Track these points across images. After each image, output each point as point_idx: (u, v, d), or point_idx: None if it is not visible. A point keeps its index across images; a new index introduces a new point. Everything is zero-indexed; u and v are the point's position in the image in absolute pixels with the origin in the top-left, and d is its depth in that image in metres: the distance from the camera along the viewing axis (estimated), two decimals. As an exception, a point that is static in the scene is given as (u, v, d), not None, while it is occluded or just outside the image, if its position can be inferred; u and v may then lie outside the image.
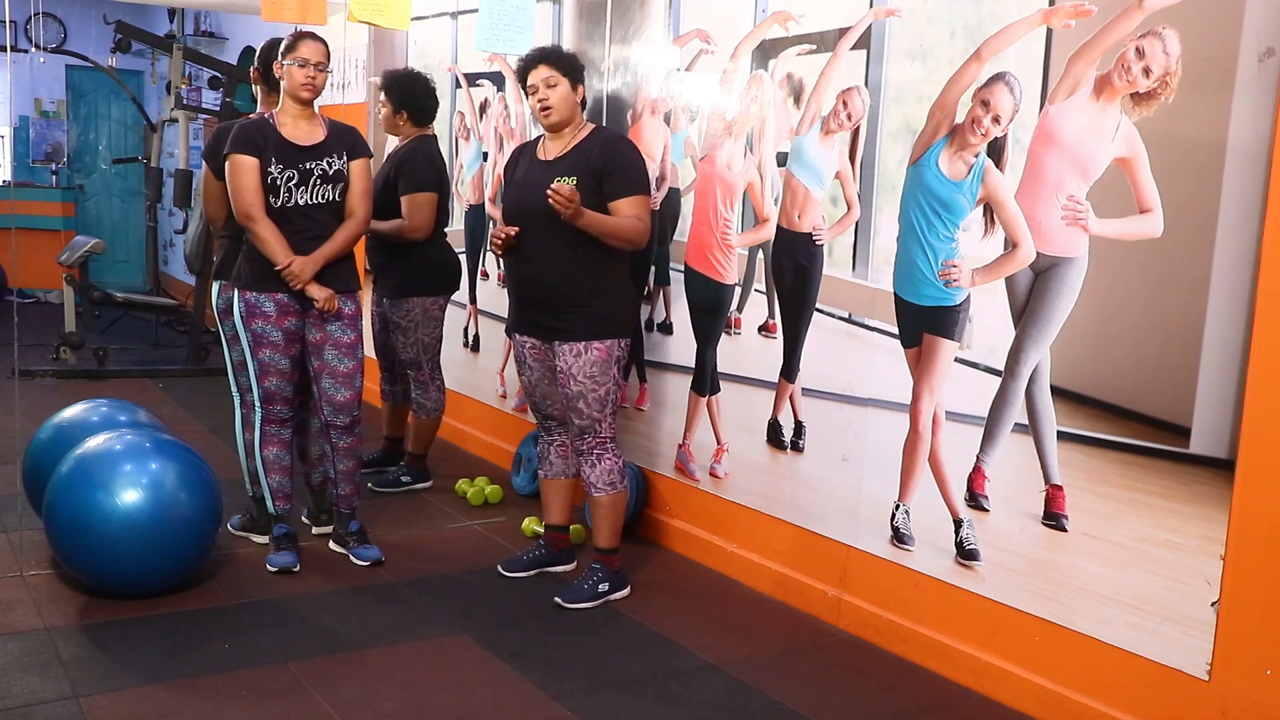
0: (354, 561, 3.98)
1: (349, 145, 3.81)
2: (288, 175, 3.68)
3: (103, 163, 11.19)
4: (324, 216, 3.75)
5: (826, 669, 3.31)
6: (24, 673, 3.01)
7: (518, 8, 4.39)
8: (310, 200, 3.72)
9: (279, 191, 3.68)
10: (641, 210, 3.53)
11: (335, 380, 3.84)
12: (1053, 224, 2.94)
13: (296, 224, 3.71)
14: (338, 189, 3.77)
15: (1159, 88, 2.69)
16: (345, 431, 3.92)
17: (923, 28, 3.30)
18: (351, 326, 3.83)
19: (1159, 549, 2.74)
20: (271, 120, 3.75)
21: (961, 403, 3.23)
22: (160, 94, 10.06)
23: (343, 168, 3.78)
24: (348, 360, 3.83)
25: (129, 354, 7.74)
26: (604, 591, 3.71)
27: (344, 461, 3.95)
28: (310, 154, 3.72)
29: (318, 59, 3.68)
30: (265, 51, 4.22)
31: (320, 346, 3.81)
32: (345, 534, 4.05)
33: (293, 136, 3.71)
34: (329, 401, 3.86)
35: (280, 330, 3.76)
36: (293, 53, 3.67)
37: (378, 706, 2.93)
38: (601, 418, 3.61)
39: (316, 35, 3.74)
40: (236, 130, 3.73)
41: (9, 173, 10.59)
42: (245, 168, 3.66)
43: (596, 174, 3.47)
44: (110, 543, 3.37)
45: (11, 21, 8.31)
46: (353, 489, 4.02)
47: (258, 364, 3.78)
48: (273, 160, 3.67)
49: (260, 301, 3.74)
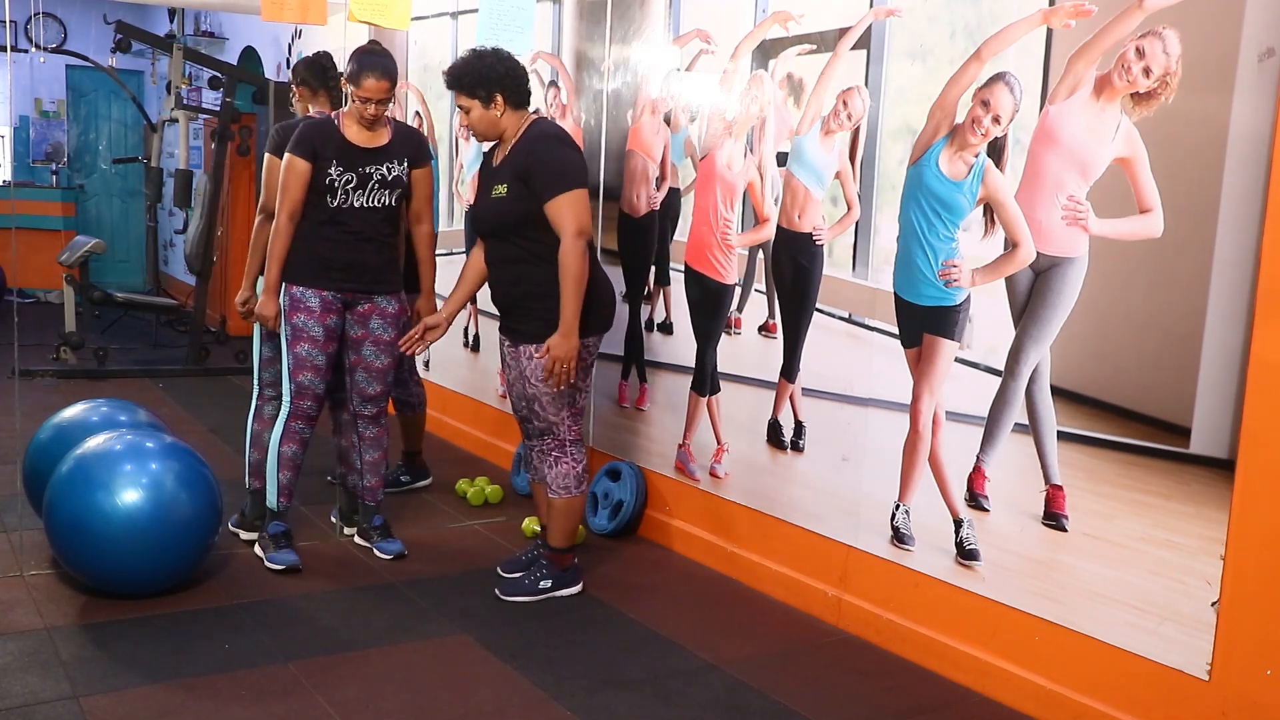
0: (377, 555, 4.04)
1: (411, 152, 3.86)
2: (346, 178, 3.72)
3: (103, 163, 11.19)
4: (377, 220, 3.81)
5: (826, 669, 3.31)
6: (24, 673, 3.01)
7: (518, 8, 4.39)
8: (366, 204, 3.77)
9: (335, 193, 3.73)
10: (567, 208, 3.38)
11: (370, 375, 3.93)
12: (1053, 224, 2.94)
13: (349, 225, 3.77)
14: (395, 194, 3.82)
15: (1159, 88, 2.69)
16: (372, 421, 4.00)
17: (923, 28, 3.30)
18: (393, 325, 3.91)
19: (1159, 549, 2.74)
20: (336, 121, 3.78)
21: (961, 403, 3.23)
22: (160, 94, 10.07)
23: (402, 174, 3.82)
24: (384, 356, 3.92)
25: (129, 354, 7.73)
26: (545, 588, 3.72)
27: (370, 452, 4.03)
28: (371, 158, 3.76)
29: (380, 96, 3.68)
30: (313, 63, 4.28)
31: (360, 342, 3.89)
32: (369, 528, 4.12)
33: (356, 139, 3.75)
34: (360, 394, 3.95)
35: (321, 326, 3.79)
36: (357, 88, 3.66)
37: (378, 706, 2.93)
38: (559, 420, 3.61)
39: (380, 64, 3.68)
40: (300, 130, 3.77)
41: (9, 173, 10.60)
42: (298, 169, 3.71)
43: (523, 179, 3.45)
44: (110, 543, 3.37)
45: (11, 21, 8.33)
46: (378, 480, 4.10)
47: (293, 357, 3.80)
48: (333, 162, 3.71)
49: (305, 296, 3.78)
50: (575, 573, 3.80)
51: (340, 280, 3.80)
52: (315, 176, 3.72)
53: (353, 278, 3.81)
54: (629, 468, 4.44)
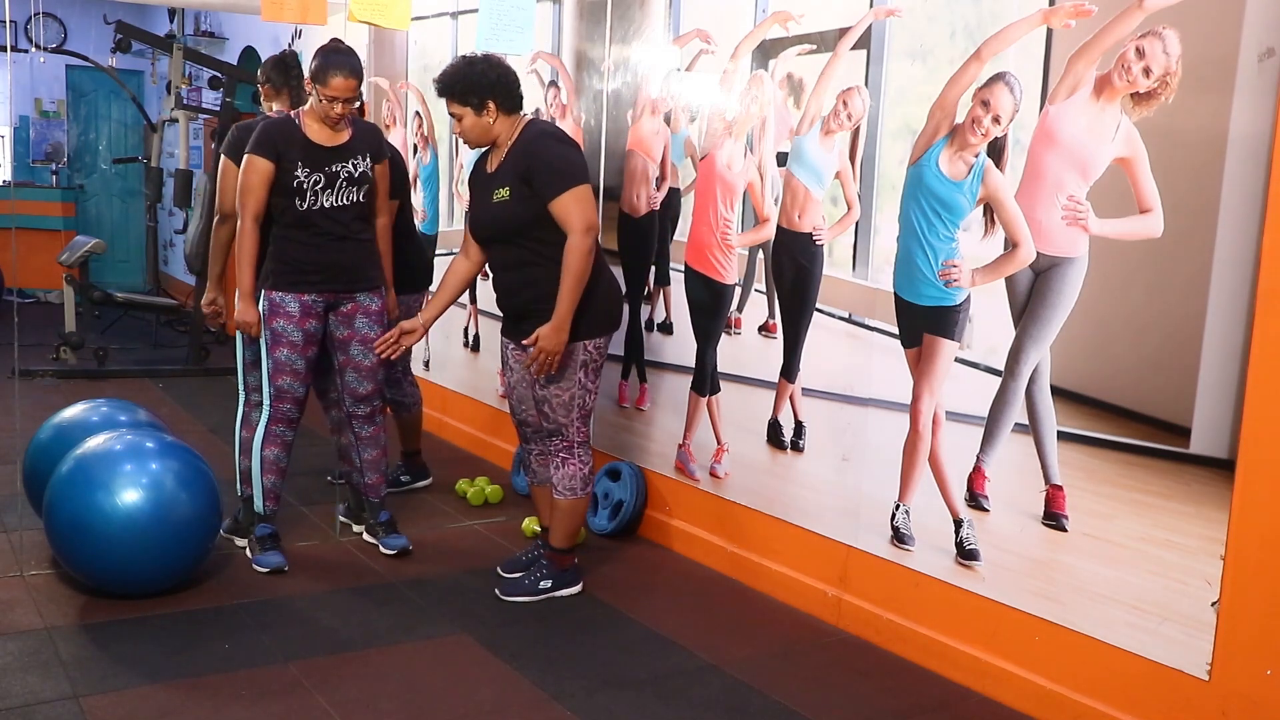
0: (383, 551, 4.06)
1: (372, 147, 3.85)
2: (314, 179, 3.71)
3: (103, 163, 11.19)
4: (348, 218, 3.79)
5: (826, 669, 3.31)
6: (24, 673, 3.01)
7: (518, 8, 4.39)
8: (335, 203, 3.75)
9: (304, 195, 3.71)
10: (573, 204, 3.38)
11: (359, 374, 3.92)
12: (1053, 224, 2.94)
13: (321, 226, 3.75)
14: (362, 190, 3.80)
15: (1159, 88, 2.69)
16: (367, 421, 4.00)
17: (923, 28, 3.30)
18: (378, 322, 3.90)
19: (1159, 549, 2.74)
20: (297, 120, 3.76)
21: (961, 403, 3.23)
22: (160, 94, 10.07)
23: (368, 169, 3.81)
24: (372, 355, 3.90)
25: (129, 354, 7.74)
26: (545, 588, 3.72)
27: (368, 450, 4.03)
28: (336, 156, 3.75)
29: (347, 95, 3.65)
30: (279, 61, 4.27)
31: (346, 343, 3.88)
32: (375, 524, 4.14)
33: (318, 138, 3.73)
34: (351, 394, 3.94)
35: (301, 331, 3.78)
36: (323, 86, 3.63)
37: (378, 706, 2.93)
38: (568, 422, 3.60)
39: (347, 62, 3.65)
40: (260, 130, 3.74)
41: (9, 173, 10.59)
42: (259, 169, 3.68)
43: (525, 180, 3.44)
44: (110, 543, 3.37)
45: (11, 21, 8.33)
46: (379, 478, 4.11)
47: (272, 361, 3.80)
48: (298, 164, 3.69)
49: (284, 301, 3.77)
50: (575, 573, 3.80)
51: (319, 283, 3.78)
52: (281, 179, 3.69)
53: (331, 279, 3.79)
54: (629, 468, 4.44)
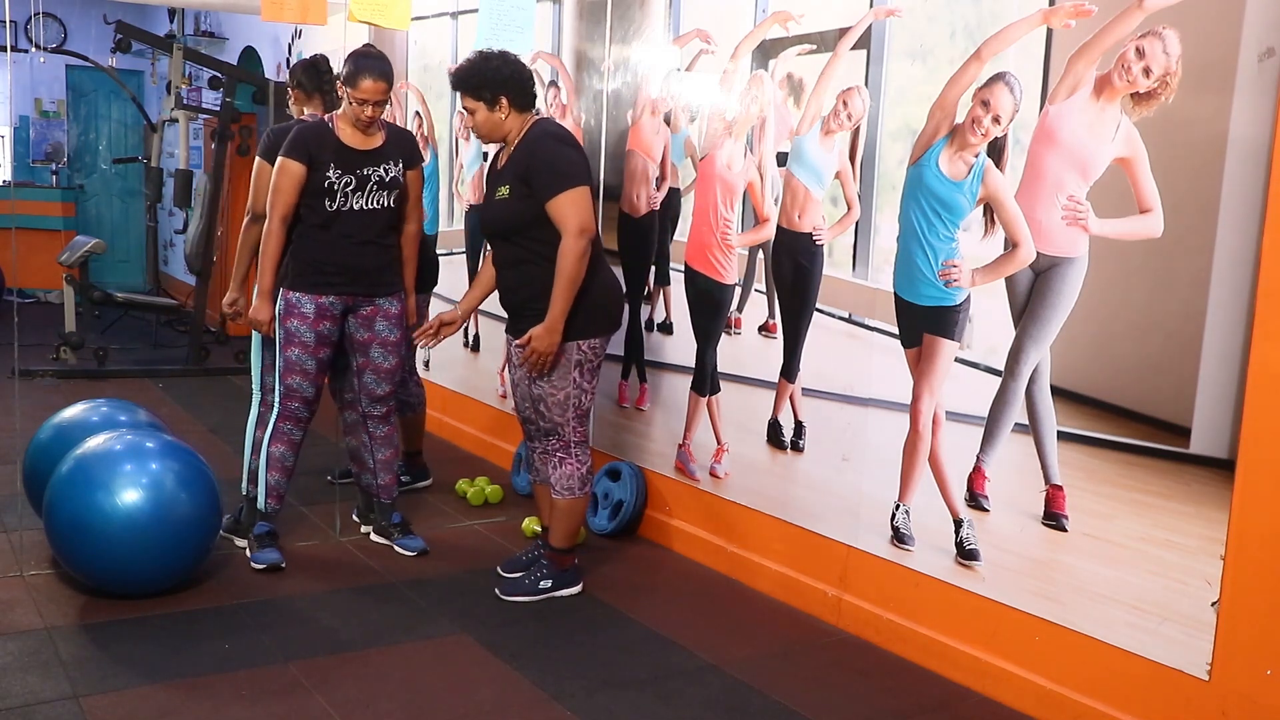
0: (399, 552, 4.07)
1: (405, 153, 3.88)
2: (345, 181, 3.73)
3: (103, 163, 11.18)
4: (376, 222, 3.82)
5: (826, 669, 3.31)
6: (24, 673, 3.01)
7: (518, 8, 4.40)
8: (365, 206, 3.78)
9: (335, 196, 3.73)
10: (568, 206, 3.39)
11: (378, 376, 3.95)
12: (1053, 224, 2.94)
13: (348, 228, 3.77)
14: (393, 195, 3.83)
15: (1159, 88, 2.69)
16: (382, 421, 4.03)
17: (923, 28, 3.30)
18: (397, 325, 3.94)
19: (1159, 549, 2.74)
20: (331, 124, 3.78)
21: (961, 403, 3.23)
22: (160, 94, 10.06)
23: (399, 174, 3.84)
24: (391, 357, 3.94)
25: (129, 354, 7.73)
26: (545, 588, 3.72)
27: (382, 450, 4.05)
28: (368, 159, 3.77)
29: (377, 98, 3.68)
30: (310, 66, 4.31)
31: (367, 345, 3.91)
32: (388, 525, 4.14)
33: (351, 142, 3.76)
34: (368, 394, 3.98)
35: (314, 332, 3.80)
36: (353, 89, 3.66)
37: (378, 706, 2.93)
38: (564, 421, 3.60)
39: (377, 65, 3.68)
40: (294, 133, 3.77)
41: (9, 173, 10.59)
42: (291, 172, 3.71)
43: (524, 180, 3.45)
44: (110, 543, 3.37)
45: (11, 21, 8.33)
46: (391, 478, 4.12)
47: (285, 360, 3.81)
48: (330, 165, 3.71)
49: (300, 301, 3.78)
50: (575, 573, 3.80)
51: (340, 285, 3.80)
52: (313, 180, 3.71)
53: (352, 281, 3.81)
54: (629, 468, 4.44)
